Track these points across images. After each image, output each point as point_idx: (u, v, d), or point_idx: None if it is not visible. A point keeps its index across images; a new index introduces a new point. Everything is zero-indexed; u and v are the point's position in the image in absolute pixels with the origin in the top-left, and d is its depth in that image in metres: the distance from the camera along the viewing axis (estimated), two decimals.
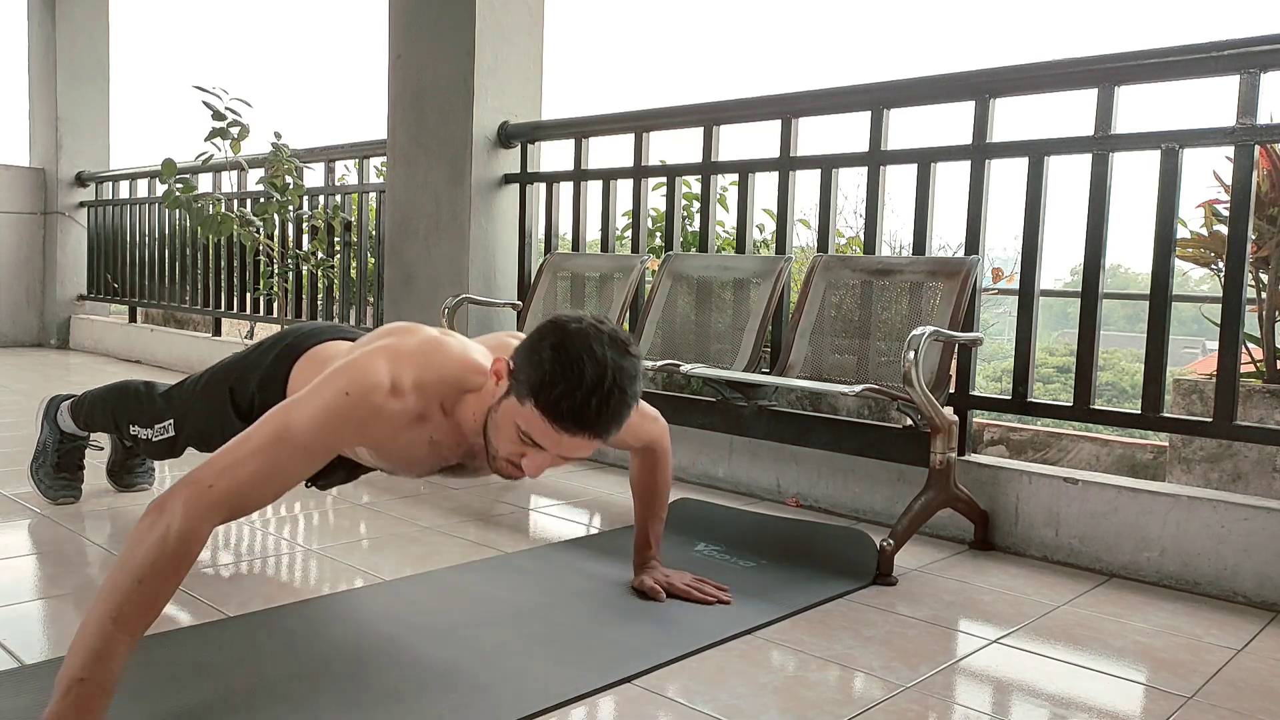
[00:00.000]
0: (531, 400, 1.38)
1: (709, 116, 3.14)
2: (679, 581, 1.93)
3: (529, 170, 3.67)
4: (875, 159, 2.72)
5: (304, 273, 4.55)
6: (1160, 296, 2.26)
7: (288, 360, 1.86)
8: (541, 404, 1.37)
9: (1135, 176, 2.45)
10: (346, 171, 4.67)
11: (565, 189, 3.59)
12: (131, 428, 2.16)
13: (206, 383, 2.01)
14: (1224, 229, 2.57)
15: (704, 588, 1.92)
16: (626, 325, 3.21)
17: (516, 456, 1.45)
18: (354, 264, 4.48)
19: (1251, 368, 2.85)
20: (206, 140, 3.75)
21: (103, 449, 2.57)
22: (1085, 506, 2.28)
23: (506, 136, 3.65)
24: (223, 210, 3.80)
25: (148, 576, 1.23)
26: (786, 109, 2.91)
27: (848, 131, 2.87)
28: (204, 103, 3.71)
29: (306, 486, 1.81)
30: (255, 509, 1.37)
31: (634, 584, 1.94)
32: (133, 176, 6.04)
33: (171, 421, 2.07)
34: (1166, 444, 3.08)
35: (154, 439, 2.11)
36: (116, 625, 1.21)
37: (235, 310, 5.23)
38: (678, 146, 4.28)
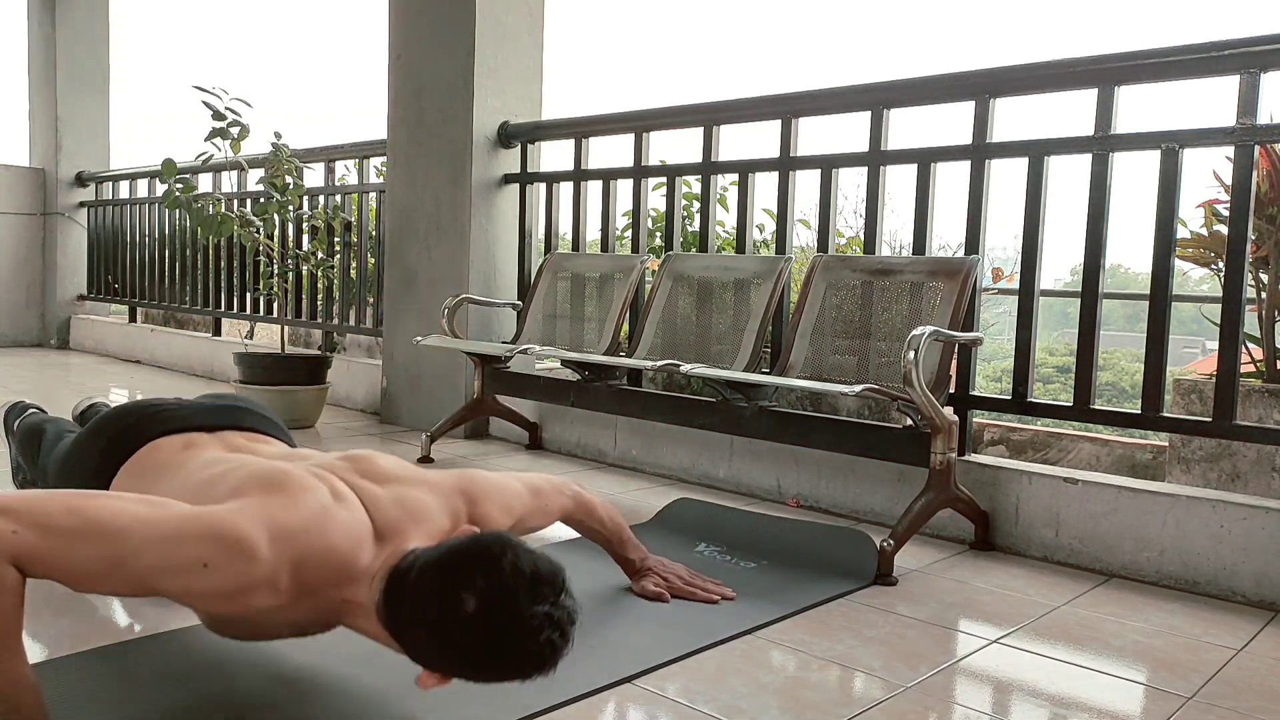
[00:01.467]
0: (478, 678, 1.24)
1: (709, 116, 3.14)
2: (678, 581, 1.92)
3: (529, 170, 3.67)
4: (875, 159, 2.72)
5: (304, 273, 4.55)
6: (1160, 296, 2.26)
7: (107, 474, 1.59)
8: (484, 680, 1.24)
9: (1135, 176, 2.45)
10: (346, 171, 4.68)
11: (565, 189, 3.59)
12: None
13: (55, 482, 1.77)
14: (1224, 229, 2.57)
15: (706, 585, 1.92)
16: (626, 325, 3.21)
17: None
18: (354, 264, 4.48)
19: (1251, 368, 2.85)
20: (206, 140, 3.75)
21: None
22: (1085, 506, 2.28)
23: (506, 136, 3.65)
24: (223, 210, 3.79)
25: None
26: (786, 109, 2.91)
27: (848, 131, 2.88)
28: (204, 103, 3.70)
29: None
30: (45, 579, 1.16)
31: (635, 589, 1.93)
32: (133, 176, 6.05)
33: None
34: (1166, 444, 3.08)
35: None
36: None
37: (235, 310, 5.23)
38: (678, 146, 4.28)
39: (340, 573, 1.27)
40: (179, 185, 3.73)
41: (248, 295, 5.09)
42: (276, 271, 4.00)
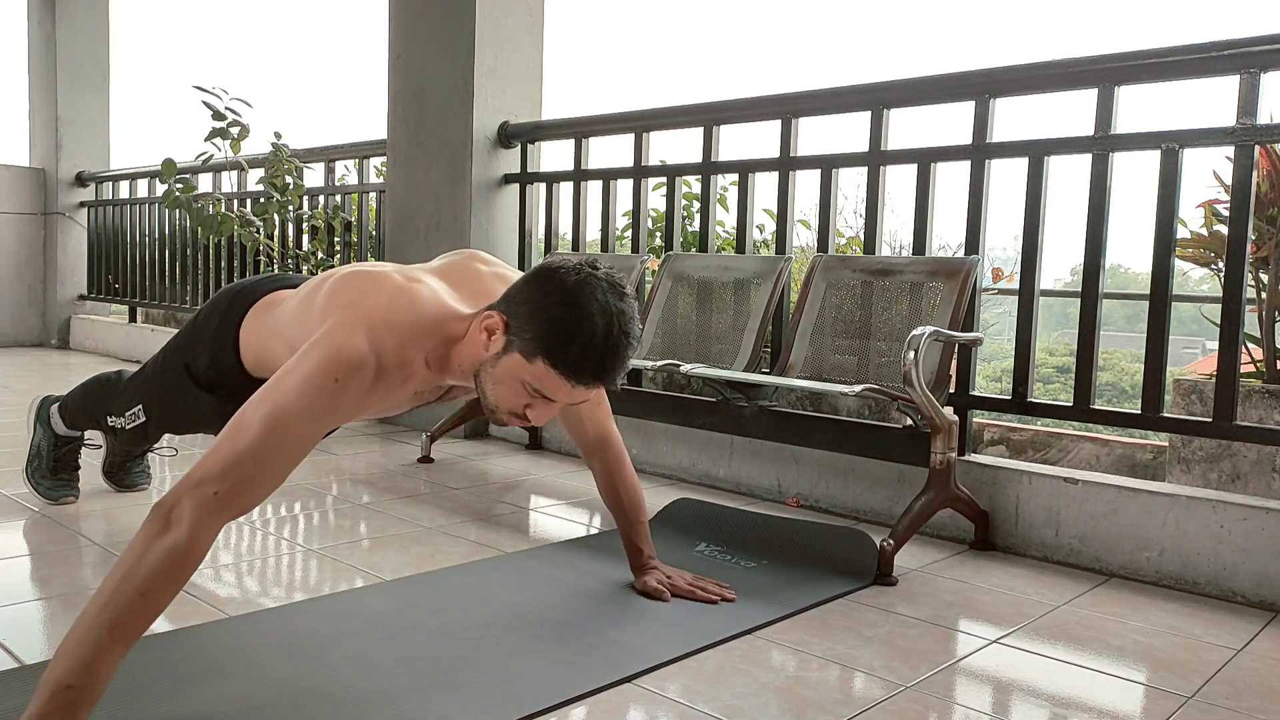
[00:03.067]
0: (543, 358, 1.39)
1: (709, 116, 3.14)
2: (681, 581, 1.93)
3: (529, 170, 3.67)
4: (875, 159, 2.72)
5: (304, 273, 4.55)
6: (1160, 296, 2.26)
7: (233, 323, 1.80)
8: (556, 361, 1.39)
9: (1135, 176, 2.45)
10: (346, 171, 4.67)
11: (565, 189, 3.59)
12: (108, 418, 2.15)
13: (162, 362, 1.98)
14: (1224, 229, 2.57)
15: (707, 586, 1.92)
16: None
17: (520, 409, 1.46)
18: None
19: (1251, 368, 2.84)
20: (206, 140, 3.76)
21: (100, 447, 2.57)
22: (1085, 506, 2.28)
23: (506, 136, 3.65)
24: (223, 210, 3.79)
25: (152, 589, 1.21)
26: (786, 109, 2.91)
27: (848, 131, 2.88)
28: (204, 103, 3.71)
29: None
30: (260, 502, 1.35)
31: (636, 586, 1.94)
32: (133, 176, 6.05)
33: (140, 406, 2.03)
34: (1166, 444, 3.08)
35: (127, 426, 2.08)
36: (113, 636, 1.18)
37: None
38: (678, 146, 4.28)
39: (434, 326, 1.49)
40: (179, 185, 3.74)
41: None
42: (277, 271, 4.01)
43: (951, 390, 2.47)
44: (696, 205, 3.78)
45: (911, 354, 2.12)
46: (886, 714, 1.46)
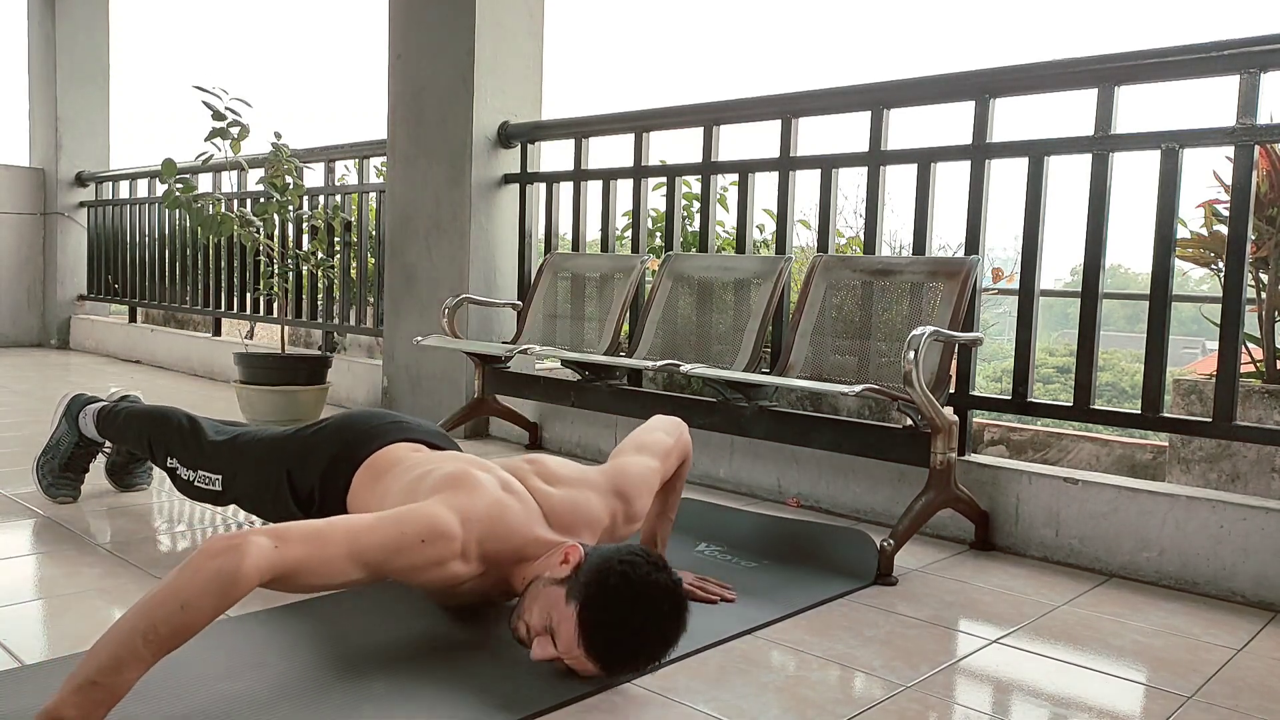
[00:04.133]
0: (576, 606, 1.43)
1: (709, 116, 3.14)
2: (683, 581, 1.93)
3: (529, 170, 3.67)
4: (875, 159, 2.72)
5: (304, 273, 4.55)
6: (1160, 296, 2.26)
7: (349, 465, 1.87)
8: (582, 615, 1.42)
9: (1135, 176, 2.45)
10: (346, 171, 4.68)
11: (565, 189, 3.59)
12: (169, 459, 2.16)
13: (262, 456, 2.01)
14: (1224, 229, 2.57)
15: (708, 587, 1.92)
16: (626, 326, 3.21)
17: (534, 632, 1.50)
18: (354, 264, 4.48)
19: (1251, 368, 2.85)
20: (206, 140, 3.74)
21: (108, 453, 2.57)
22: (1085, 506, 2.28)
23: (506, 136, 3.65)
24: (223, 210, 3.79)
25: (192, 604, 1.25)
26: (786, 109, 2.91)
27: (848, 131, 2.88)
28: (204, 103, 3.70)
29: None
30: (296, 590, 1.40)
31: None
32: (133, 176, 6.05)
33: (220, 479, 2.07)
34: (1166, 444, 3.08)
35: (195, 484, 2.11)
36: (145, 641, 1.22)
37: (235, 310, 5.23)
38: (678, 146, 4.28)
39: (520, 546, 1.60)
40: (179, 185, 3.73)
41: (248, 295, 5.09)
42: (276, 271, 4.01)
43: (951, 390, 2.47)
44: (696, 205, 3.79)
45: (912, 354, 2.12)
46: (887, 714, 1.46)
